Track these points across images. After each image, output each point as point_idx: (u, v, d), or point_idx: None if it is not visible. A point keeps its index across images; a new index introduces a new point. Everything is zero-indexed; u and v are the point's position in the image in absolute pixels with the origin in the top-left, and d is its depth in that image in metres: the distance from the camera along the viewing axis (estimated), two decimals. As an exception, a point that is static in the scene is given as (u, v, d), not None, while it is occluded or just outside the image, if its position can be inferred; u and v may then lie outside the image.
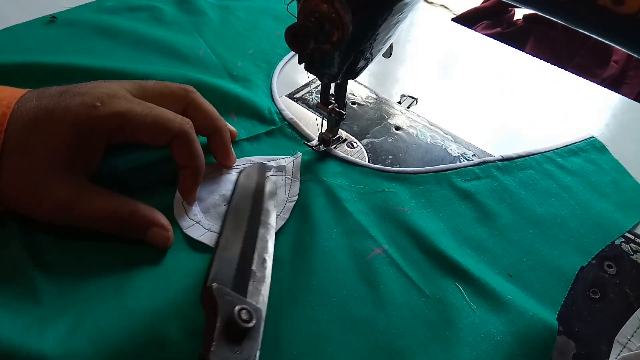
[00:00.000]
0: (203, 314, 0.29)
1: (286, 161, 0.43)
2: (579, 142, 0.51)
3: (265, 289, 0.32)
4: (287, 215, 0.39)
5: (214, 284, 0.28)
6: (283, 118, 0.49)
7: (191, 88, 0.39)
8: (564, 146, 0.50)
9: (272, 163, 0.43)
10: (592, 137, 0.51)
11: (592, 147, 0.50)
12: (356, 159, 0.45)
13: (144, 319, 0.30)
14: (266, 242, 0.35)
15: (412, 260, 0.37)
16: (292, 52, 0.58)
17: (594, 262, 0.39)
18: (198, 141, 0.36)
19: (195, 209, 0.38)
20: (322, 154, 0.45)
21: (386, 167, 0.45)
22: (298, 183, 0.42)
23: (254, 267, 0.33)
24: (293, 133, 0.47)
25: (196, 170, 0.37)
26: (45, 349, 0.28)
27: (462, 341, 0.32)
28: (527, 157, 0.47)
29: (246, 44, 0.59)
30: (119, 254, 0.35)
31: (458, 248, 0.38)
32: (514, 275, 0.37)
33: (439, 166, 0.45)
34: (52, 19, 0.57)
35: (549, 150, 0.49)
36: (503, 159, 0.47)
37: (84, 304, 0.31)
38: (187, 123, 0.35)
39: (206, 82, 0.49)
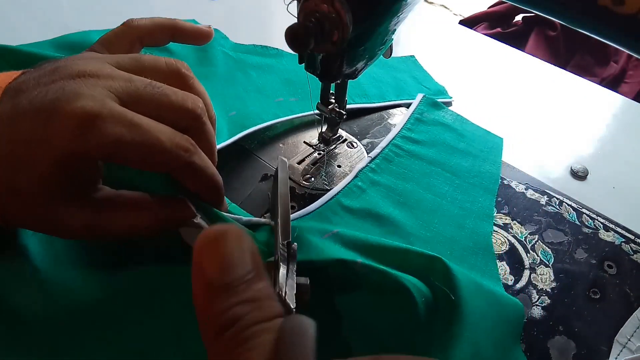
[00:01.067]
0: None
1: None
2: (417, 105, 0.52)
3: None
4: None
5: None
6: None
7: (198, 110, 0.30)
8: (408, 118, 0.50)
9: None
10: (424, 95, 0.53)
11: (428, 107, 0.52)
12: (258, 220, 0.37)
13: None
14: None
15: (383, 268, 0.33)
16: (272, 122, 0.49)
17: (594, 262, 0.39)
18: (206, 161, 0.30)
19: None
20: None
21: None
22: None
23: None
24: None
25: (213, 191, 0.31)
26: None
27: (461, 337, 0.31)
28: (388, 145, 0.47)
29: (235, 105, 0.51)
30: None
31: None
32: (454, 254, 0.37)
33: (328, 193, 0.42)
34: None
35: (401, 129, 0.49)
36: (372, 159, 0.45)
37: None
38: (185, 150, 0.28)
39: None
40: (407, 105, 0.54)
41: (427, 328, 0.32)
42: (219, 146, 0.43)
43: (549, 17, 0.30)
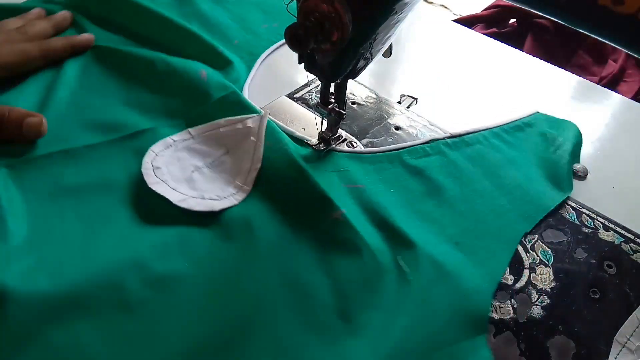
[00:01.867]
0: (163, 267, 0.34)
1: (253, 121, 0.45)
2: (524, 117, 0.52)
3: None
4: (249, 187, 0.41)
5: None
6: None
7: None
8: (510, 122, 0.51)
9: (239, 125, 0.44)
10: (537, 112, 0.52)
11: (537, 120, 0.52)
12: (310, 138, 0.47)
13: (104, 265, 0.33)
14: None
15: (366, 230, 0.38)
16: (276, 45, 0.60)
17: (594, 262, 0.39)
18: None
19: (164, 170, 0.40)
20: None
21: (341, 147, 0.46)
22: (262, 148, 0.43)
23: None
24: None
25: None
26: (6, 280, 0.30)
27: (402, 310, 0.34)
28: (475, 133, 0.49)
29: (232, 35, 0.59)
30: (90, 211, 0.38)
31: (408, 221, 0.40)
32: (460, 243, 0.39)
33: (391, 145, 0.47)
34: None
35: (496, 126, 0.50)
36: (452, 136, 0.48)
37: (49, 249, 0.34)
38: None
39: (181, 64, 0.51)
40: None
41: (372, 290, 0.35)
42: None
43: (549, 17, 0.30)
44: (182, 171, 0.41)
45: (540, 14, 0.30)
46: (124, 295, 0.32)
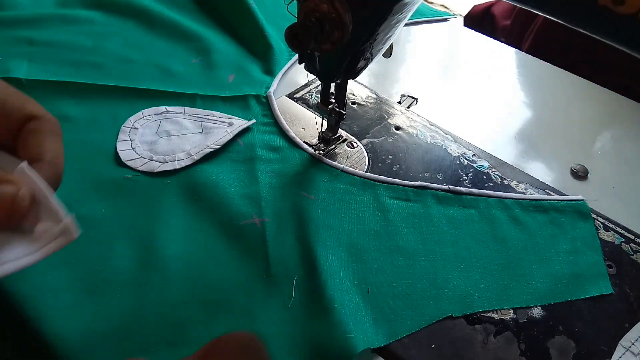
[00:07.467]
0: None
1: (239, 122, 0.47)
2: (562, 200, 0.44)
3: None
4: (197, 158, 0.43)
5: None
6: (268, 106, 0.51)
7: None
8: (539, 199, 0.43)
9: (226, 120, 0.48)
10: (582, 200, 0.44)
11: (572, 210, 0.43)
12: (299, 141, 0.47)
13: None
14: None
15: (281, 241, 0.38)
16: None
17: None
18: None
19: (140, 130, 0.45)
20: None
21: (329, 161, 0.45)
22: (229, 138, 0.45)
23: None
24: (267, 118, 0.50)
25: (55, 167, 0.25)
26: None
27: (266, 331, 0.33)
28: (478, 196, 0.43)
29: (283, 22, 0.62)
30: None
31: (334, 247, 0.37)
32: (371, 294, 0.35)
33: (377, 176, 0.44)
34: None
35: (515, 198, 0.43)
36: (449, 191, 0.43)
37: None
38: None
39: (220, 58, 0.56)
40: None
41: (246, 296, 0.35)
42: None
43: (550, 17, 0.30)
44: (152, 134, 0.45)
45: (543, 14, 0.30)
46: None
